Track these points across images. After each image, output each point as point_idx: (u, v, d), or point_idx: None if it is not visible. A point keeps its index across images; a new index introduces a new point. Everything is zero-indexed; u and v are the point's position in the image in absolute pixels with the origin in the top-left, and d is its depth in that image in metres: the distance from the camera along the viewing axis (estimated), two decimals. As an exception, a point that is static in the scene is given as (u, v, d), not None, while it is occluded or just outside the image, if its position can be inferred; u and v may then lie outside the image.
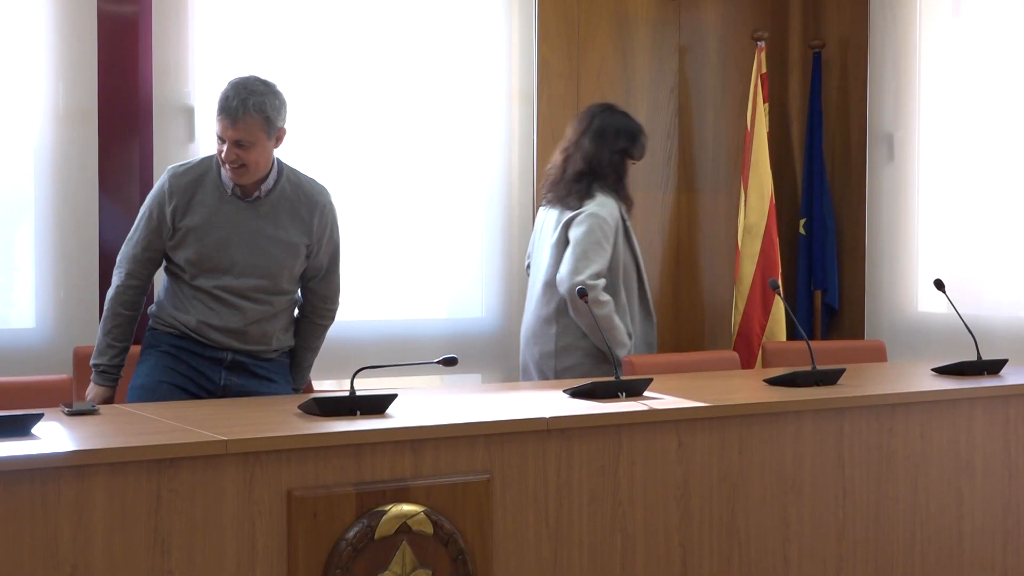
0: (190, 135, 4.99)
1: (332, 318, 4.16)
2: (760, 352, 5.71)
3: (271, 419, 3.24)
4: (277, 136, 3.85)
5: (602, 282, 4.65)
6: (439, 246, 5.62)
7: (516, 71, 5.78)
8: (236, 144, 3.74)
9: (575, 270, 4.59)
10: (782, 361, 4.92)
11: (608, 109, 4.97)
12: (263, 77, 3.89)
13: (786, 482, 3.75)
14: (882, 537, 3.95)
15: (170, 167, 3.94)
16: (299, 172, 4.03)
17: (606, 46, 6.02)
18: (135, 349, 3.99)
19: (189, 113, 4.99)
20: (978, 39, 5.78)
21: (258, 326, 3.90)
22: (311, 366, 4.17)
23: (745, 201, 6.14)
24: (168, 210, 3.83)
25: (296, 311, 4.09)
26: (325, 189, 4.08)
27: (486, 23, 5.69)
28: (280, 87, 3.93)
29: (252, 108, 3.75)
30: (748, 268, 6.10)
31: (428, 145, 5.56)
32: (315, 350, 4.15)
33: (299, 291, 4.07)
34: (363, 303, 5.43)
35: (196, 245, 3.83)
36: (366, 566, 3.01)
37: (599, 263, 4.66)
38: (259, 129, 3.76)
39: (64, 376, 4.05)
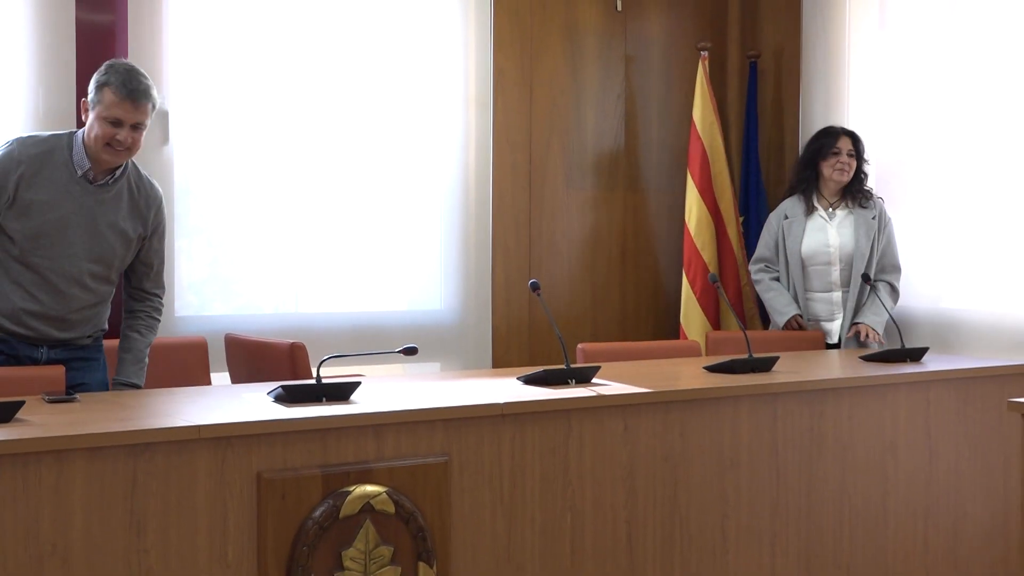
0: (164, 137, 4.95)
1: (161, 313, 4.03)
2: (705, 341, 5.74)
3: (242, 406, 3.23)
4: None
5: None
6: (401, 243, 5.61)
7: (473, 78, 5.78)
8: (134, 127, 3.64)
9: None
10: (727, 349, 4.94)
11: None
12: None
13: (724, 462, 3.77)
14: (813, 513, 3.98)
15: (19, 136, 3.76)
16: (139, 166, 3.89)
17: (557, 55, 6.03)
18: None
19: (163, 116, 4.94)
20: (902, 49, 5.82)
21: (80, 314, 3.77)
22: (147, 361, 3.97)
23: (687, 201, 6.15)
24: (14, 176, 3.62)
25: (131, 311, 3.94)
26: (160, 188, 3.96)
27: (446, 34, 5.69)
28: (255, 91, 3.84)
29: (150, 92, 3.67)
30: (690, 263, 6.12)
31: (391, 147, 5.55)
32: (149, 344, 3.95)
33: (134, 291, 3.94)
34: (329, 296, 5.42)
35: (38, 220, 3.64)
36: (331, 543, 3.00)
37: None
38: (149, 114, 3.69)
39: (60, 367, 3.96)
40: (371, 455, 3.12)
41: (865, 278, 5.17)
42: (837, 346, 5.27)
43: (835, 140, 5.34)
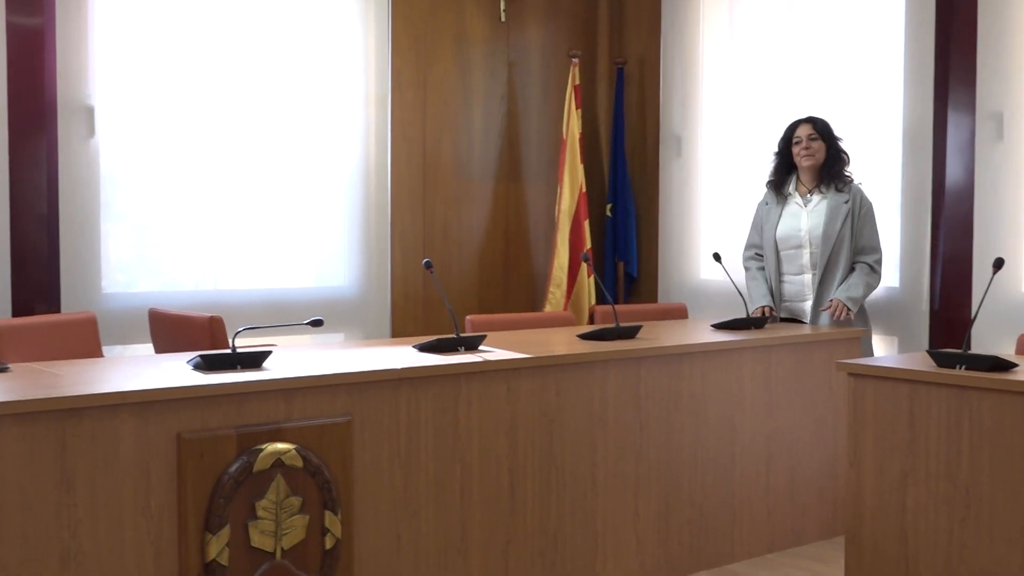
0: (91, 131, 4.81)
1: None
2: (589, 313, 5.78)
3: (163, 374, 3.15)
4: None
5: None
6: (309, 226, 5.55)
7: (373, 79, 5.72)
8: None
9: None
10: (609, 320, 4.93)
11: None
12: None
13: (594, 417, 3.80)
14: (672, 460, 4.03)
15: None
16: None
17: (448, 59, 5.99)
18: None
19: (90, 112, 4.80)
20: (748, 56, 5.91)
21: None
22: None
23: (560, 190, 6.19)
24: None
25: None
26: None
27: (349, 38, 5.62)
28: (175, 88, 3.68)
29: None
30: (562, 244, 6.16)
31: (299, 139, 5.49)
32: None
33: None
34: (245, 274, 5.34)
35: None
36: (246, 495, 2.96)
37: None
38: None
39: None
40: (281, 416, 3.08)
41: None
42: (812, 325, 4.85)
43: (794, 129, 4.94)
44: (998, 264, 3.62)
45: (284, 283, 5.47)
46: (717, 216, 6.08)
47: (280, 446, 3.02)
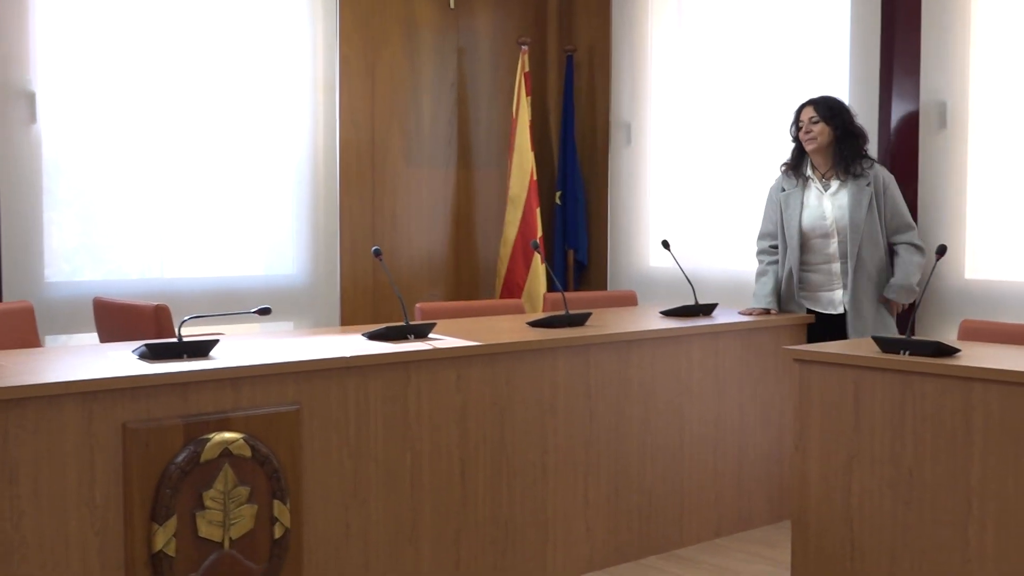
0: (32, 116, 4.73)
1: None
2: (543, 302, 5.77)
3: (108, 363, 3.11)
4: None
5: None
6: (257, 214, 5.50)
7: (321, 65, 5.67)
8: None
9: None
10: (553, 307, 4.94)
11: None
12: None
13: (544, 405, 3.81)
14: (621, 447, 4.05)
15: None
16: None
17: (397, 46, 5.96)
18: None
19: (31, 98, 4.72)
20: (697, 45, 5.93)
21: None
22: None
23: (510, 176, 6.18)
24: None
25: None
26: None
27: (296, 24, 5.57)
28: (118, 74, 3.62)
29: None
30: (511, 231, 6.16)
31: (247, 127, 5.43)
32: None
33: None
34: (192, 262, 5.28)
35: None
36: (193, 485, 2.93)
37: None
38: None
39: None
40: (229, 405, 3.05)
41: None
42: (842, 316, 4.57)
43: (799, 114, 4.67)
44: (941, 251, 3.67)
45: (232, 271, 5.42)
46: (666, 204, 6.10)
47: (228, 436, 3.00)
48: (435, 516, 3.52)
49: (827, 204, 4.60)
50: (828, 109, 4.60)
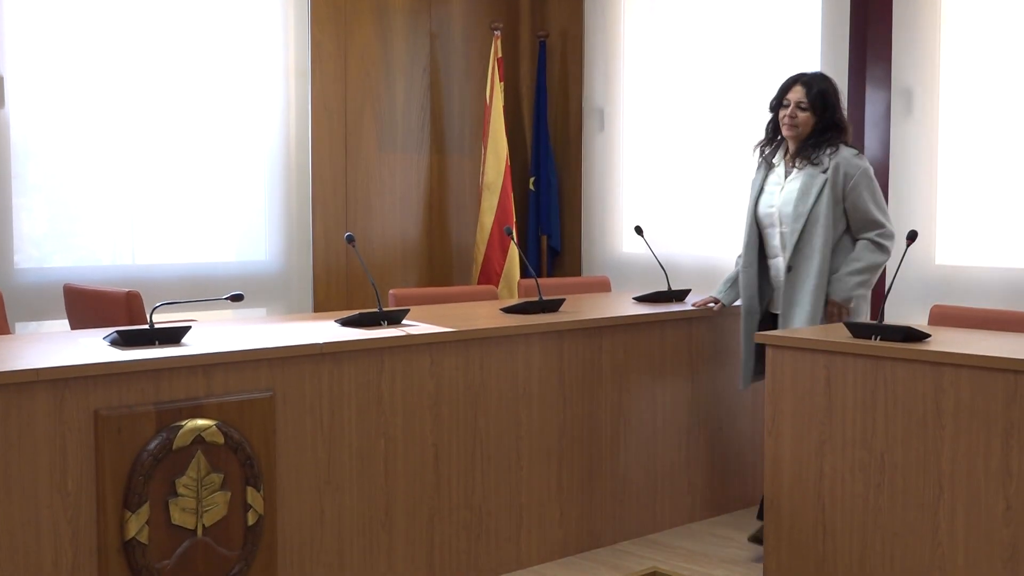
0: (1, 101, 4.68)
1: None
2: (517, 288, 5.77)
3: (79, 350, 3.09)
4: None
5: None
6: (229, 199, 5.47)
7: (293, 50, 5.64)
8: None
9: None
10: (526, 293, 4.94)
11: None
12: None
13: (518, 391, 3.82)
14: (594, 431, 4.07)
15: None
16: None
17: (369, 31, 5.93)
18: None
19: (-1, 82, 4.68)
20: (669, 31, 5.94)
21: None
22: None
23: (484, 162, 6.18)
24: None
25: None
26: None
27: (267, 9, 5.53)
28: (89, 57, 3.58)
29: None
30: (487, 217, 6.15)
31: (218, 112, 5.40)
32: None
33: None
34: (163, 249, 5.25)
35: None
36: (166, 472, 2.93)
37: None
38: None
39: None
40: (201, 392, 3.04)
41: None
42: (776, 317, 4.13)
43: (785, 91, 4.05)
44: (912, 236, 3.70)
45: (204, 258, 5.39)
46: (639, 189, 6.12)
47: (200, 422, 2.99)
48: (409, 502, 3.53)
49: (777, 192, 4.07)
50: (821, 98, 3.99)
